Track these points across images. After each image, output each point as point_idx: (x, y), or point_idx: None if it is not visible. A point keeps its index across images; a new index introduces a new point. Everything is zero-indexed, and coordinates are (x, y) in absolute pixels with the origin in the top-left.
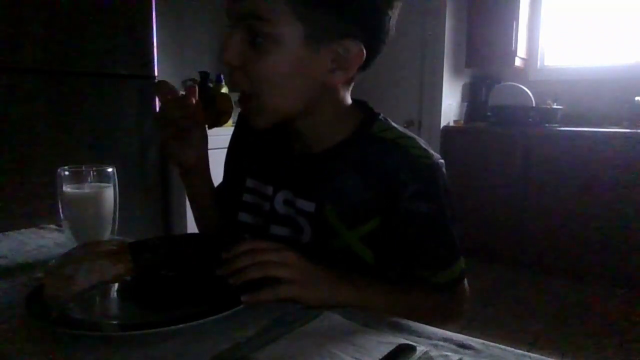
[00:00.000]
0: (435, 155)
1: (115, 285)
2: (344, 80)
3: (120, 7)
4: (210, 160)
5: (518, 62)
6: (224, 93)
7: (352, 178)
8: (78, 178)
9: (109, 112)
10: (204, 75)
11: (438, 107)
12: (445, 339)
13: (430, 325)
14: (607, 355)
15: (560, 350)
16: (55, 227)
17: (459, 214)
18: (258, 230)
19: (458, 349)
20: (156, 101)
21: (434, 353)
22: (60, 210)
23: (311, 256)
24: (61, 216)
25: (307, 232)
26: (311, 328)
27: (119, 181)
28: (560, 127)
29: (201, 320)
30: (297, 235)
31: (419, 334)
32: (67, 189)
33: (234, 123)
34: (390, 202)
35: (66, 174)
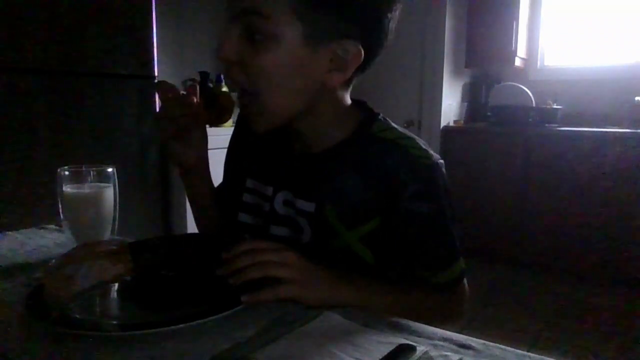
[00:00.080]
0: (435, 155)
1: (115, 285)
2: (342, 80)
3: (120, 7)
4: (210, 160)
5: (518, 62)
6: (225, 92)
7: (352, 178)
8: (78, 178)
9: (109, 112)
10: (204, 75)
11: (438, 107)
12: (445, 339)
13: (430, 325)
14: (607, 355)
15: (560, 350)
16: (55, 227)
17: (459, 214)
18: (258, 231)
19: (458, 349)
20: (156, 101)
21: (434, 353)
22: (60, 210)
23: (311, 256)
24: (61, 216)
25: (307, 233)
26: (311, 328)
27: (119, 181)
28: (560, 127)
29: (201, 320)
30: (297, 235)
31: (419, 334)
32: (67, 189)
33: (234, 123)
34: (390, 202)
35: (66, 174)
